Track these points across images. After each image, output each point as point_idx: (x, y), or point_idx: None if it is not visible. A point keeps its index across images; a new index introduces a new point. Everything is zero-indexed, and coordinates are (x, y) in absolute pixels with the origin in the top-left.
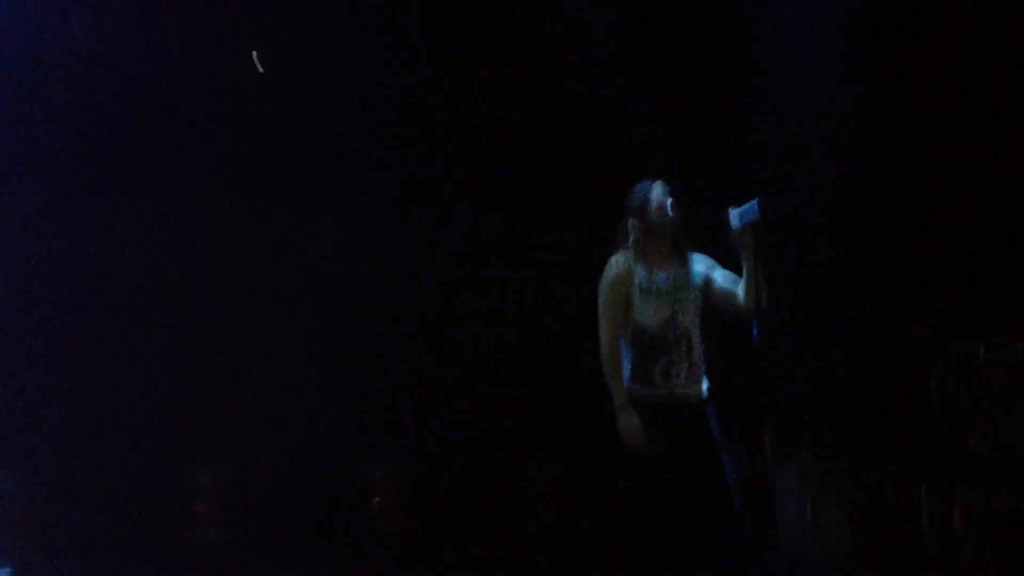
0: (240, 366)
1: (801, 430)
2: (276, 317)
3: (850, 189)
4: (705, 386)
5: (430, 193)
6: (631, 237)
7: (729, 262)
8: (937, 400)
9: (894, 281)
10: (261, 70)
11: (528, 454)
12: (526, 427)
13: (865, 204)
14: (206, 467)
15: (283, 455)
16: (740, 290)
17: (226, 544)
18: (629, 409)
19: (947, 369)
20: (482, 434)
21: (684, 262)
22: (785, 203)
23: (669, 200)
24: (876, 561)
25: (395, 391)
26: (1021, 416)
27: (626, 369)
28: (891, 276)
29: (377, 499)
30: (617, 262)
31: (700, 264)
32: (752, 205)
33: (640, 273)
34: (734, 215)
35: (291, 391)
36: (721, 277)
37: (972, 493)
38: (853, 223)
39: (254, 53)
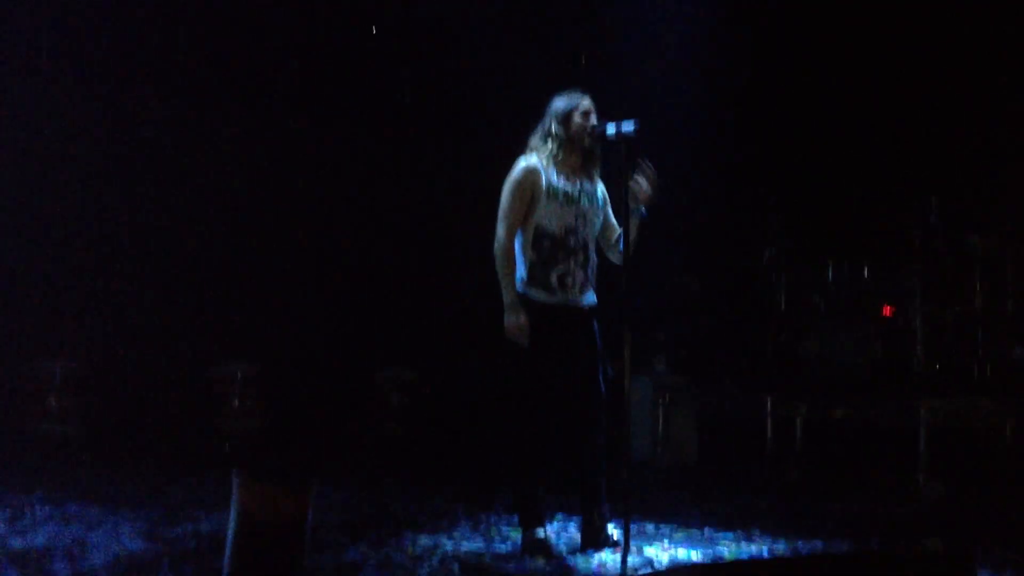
0: (100, 262)
1: (655, 345)
2: (140, 211)
3: (707, 120)
4: (594, 298)
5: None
6: (550, 140)
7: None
8: (784, 319)
9: (746, 204)
10: None
11: (380, 360)
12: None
13: (722, 132)
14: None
15: (138, 353)
16: (613, 235)
17: (75, 439)
18: (519, 307)
19: (795, 289)
20: (337, 338)
21: (592, 178)
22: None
23: (594, 114)
24: (721, 470)
25: (254, 294)
26: (862, 335)
27: (520, 271)
28: (744, 200)
29: (236, 401)
30: (528, 162)
31: (602, 188)
32: (631, 123)
33: (551, 177)
34: (611, 126)
35: (152, 290)
36: (609, 212)
37: (813, 407)
38: (711, 150)
39: None
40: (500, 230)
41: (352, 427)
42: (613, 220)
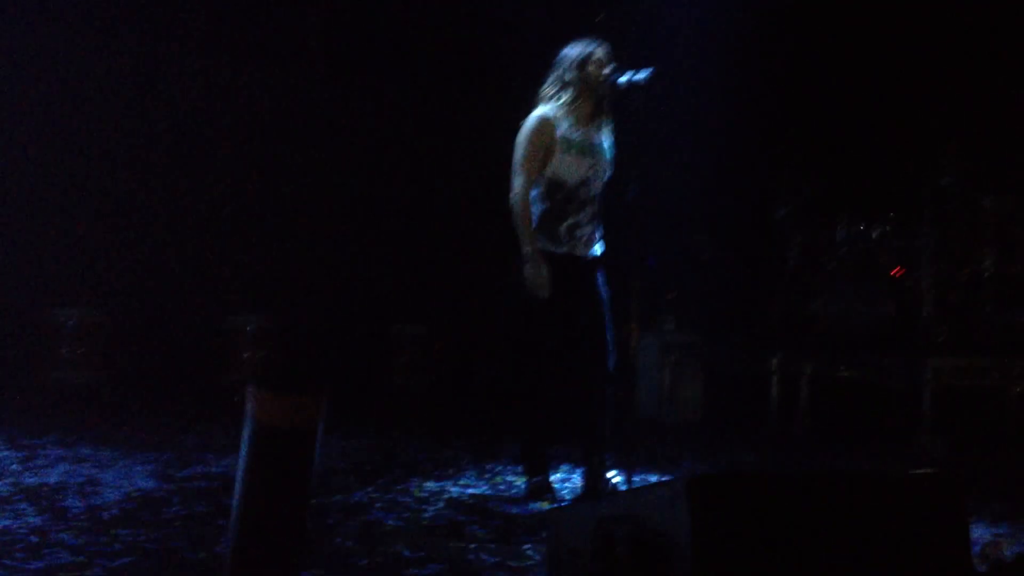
0: (115, 210)
1: (664, 303)
2: (158, 159)
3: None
4: (602, 249)
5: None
6: (564, 89)
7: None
8: (793, 279)
9: (759, 163)
10: None
11: (393, 315)
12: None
13: (737, 89)
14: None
15: (152, 303)
16: None
17: (88, 387)
18: (540, 259)
19: (805, 249)
20: (349, 293)
21: (603, 129)
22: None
23: (611, 63)
24: (727, 428)
25: (263, 247)
26: (868, 296)
27: (533, 210)
28: (757, 158)
29: (247, 354)
30: (542, 114)
31: (611, 141)
32: (645, 72)
33: (565, 128)
34: (625, 75)
35: (168, 240)
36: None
37: (820, 365)
38: (725, 107)
39: None
40: (516, 182)
41: (363, 380)
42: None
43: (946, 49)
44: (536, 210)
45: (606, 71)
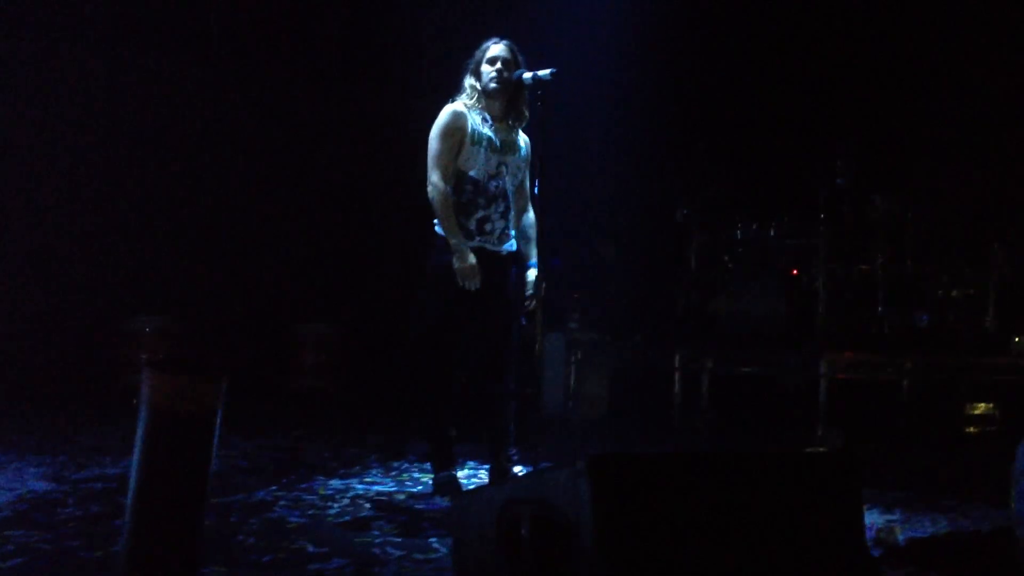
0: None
1: (569, 302)
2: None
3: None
4: (513, 245)
5: None
6: (474, 86)
7: None
8: (694, 278)
9: (661, 165)
10: None
11: (296, 313)
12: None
13: (637, 90)
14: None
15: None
16: (523, 204)
17: None
18: (467, 249)
19: (705, 249)
20: (253, 293)
21: (515, 129)
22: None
23: (504, 60)
24: (631, 424)
25: (164, 246)
26: (768, 294)
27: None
28: (658, 161)
29: (147, 355)
30: (454, 108)
31: (526, 141)
32: (547, 72)
33: (475, 123)
34: (528, 74)
35: (67, 238)
36: (527, 176)
37: (720, 361)
38: (625, 109)
39: None
40: (434, 176)
41: (266, 380)
42: (527, 186)
43: (841, 52)
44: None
45: (498, 68)
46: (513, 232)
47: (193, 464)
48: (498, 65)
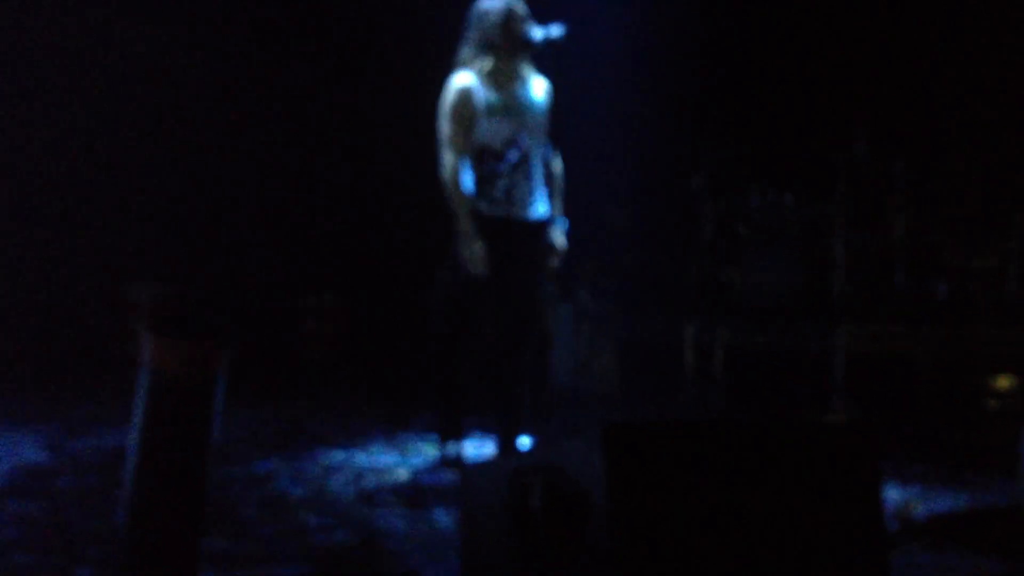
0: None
1: (580, 271)
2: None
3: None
4: (543, 209)
5: None
6: (487, 52)
7: None
8: (707, 247)
9: (674, 132)
10: None
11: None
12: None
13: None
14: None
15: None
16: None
17: None
18: (476, 236)
19: (719, 218)
20: (256, 261)
21: (527, 82)
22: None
23: (526, 19)
24: (642, 397)
25: (166, 215)
26: (783, 264)
27: (468, 185)
28: (670, 128)
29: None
30: (461, 82)
31: (544, 88)
32: (559, 27)
33: (487, 92)
34: (538, 31)
35: (60, 208)
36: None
37: (734, 334)
38: (639, 75)
39: None
40: (446, 158)
41: (269, 351)
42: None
43: (861, 14)
44: (472, 178)
45: (527, 26)
46: (543, 194)
47: (195, 430)
48: (522, 23)
